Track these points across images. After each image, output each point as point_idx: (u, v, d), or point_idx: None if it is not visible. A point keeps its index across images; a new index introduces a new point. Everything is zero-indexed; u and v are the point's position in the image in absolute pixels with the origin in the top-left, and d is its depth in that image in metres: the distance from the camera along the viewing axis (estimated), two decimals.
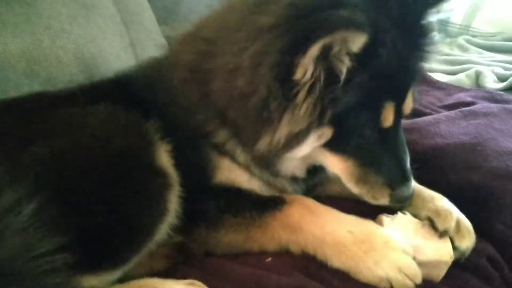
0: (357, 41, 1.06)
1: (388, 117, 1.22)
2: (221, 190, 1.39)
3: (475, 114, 1.85)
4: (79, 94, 1.42)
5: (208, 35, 1.36)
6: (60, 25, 1.87)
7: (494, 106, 1.93)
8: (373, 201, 1.31)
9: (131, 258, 1.20)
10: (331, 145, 1.25)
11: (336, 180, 1.37)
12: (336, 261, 1.23)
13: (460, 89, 2.43)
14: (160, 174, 1.27)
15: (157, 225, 1.24)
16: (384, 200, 1.29)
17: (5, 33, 1.70)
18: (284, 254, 1.30)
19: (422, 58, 1.32)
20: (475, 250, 1.38)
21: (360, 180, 1.29)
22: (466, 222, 1.36)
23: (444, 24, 3.70)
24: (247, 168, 1.40)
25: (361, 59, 1.10)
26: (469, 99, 2.18)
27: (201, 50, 1.35)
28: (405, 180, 1.28)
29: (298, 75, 1.09)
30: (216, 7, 1.45)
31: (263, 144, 1.22)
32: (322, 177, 1.49)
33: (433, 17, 1.31)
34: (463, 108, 1.93)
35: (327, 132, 1.21)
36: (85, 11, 2.01)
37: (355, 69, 1.11)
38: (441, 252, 1.27)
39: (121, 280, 1.21)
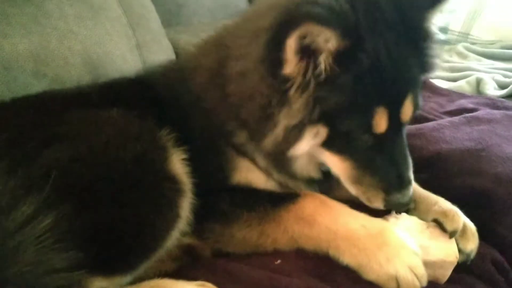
0: (326, 36, 1.09)
1: (380, 123, 1.21)
2: (236, 187, 1.40)
3: (478, 120, 1.87)
4: (94, 95, 1.44)
5: (226, 42, 1.41)
6: (68, 26, 1.89)
7: (497, 113, 1.95)
8: (368, 203, 1.31)
9: (141, 264, 1.21)
10: (329, 145, 1.27)
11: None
12: (348, 255, 1.23)
13: (461, 95, 2.45)
14: (173, 180, 1.27)
15: (169, 231, 1.25)
16: (377, 204, 1.29)
17: (13, 33, 1.71)
18: (293, 256, 1.30)
19: (423, 64, 1.30)
20: (480, 254, 1.39)
21: (357, 181, 1.30)
22: (471, 225, 1.38)
23: (443, 31, 3.73)
24: (266, 170, 1.42)
25: (341, 59, 1.13)
26: (471, 105, 2.19)
27: (221, 55, 1.39)
28: (401, 187, 1.27)
29: (287, 69, 1.15)
30: (217, 11, 1.52)
31: (269, 140, 1.26)
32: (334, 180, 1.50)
33: (434, 21, 1.30)
34: (467, 114, 1.94)
35: (321, 131, 1.23)
36: (92, 12, 2.02)
37: (336, 70, 1.14)
38: (446, 252, 1.28)
39: (131, 281, 1.21)
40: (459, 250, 1.31)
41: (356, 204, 1.34)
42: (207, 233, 1.38)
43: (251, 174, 1.41)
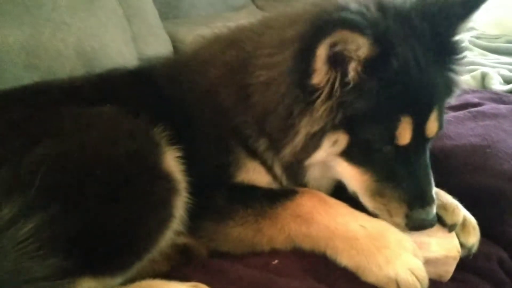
0: (359, 43, 1.08)
1: (403, 133, 1.18)
2: (234, 184, 1.37)
3: (483, 115, 1.84)
4: (86, 88, 1.41)
5: (245, 46, 1.39)
6: (61, 18, 1.86)
7: (502, 107, 1.92)
8: (387, 218, 1.25)
9: (133, 265, 1.17)
10: (348, 155, 1.24)
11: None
12: (346, 256, 1.20)
13: (466, 90, 2.40)
14: (167, 179, 1.24)
15: (162, 231, 1.21)
16: (399, 218, 1.23)
17: (4, 24, 1.69)
18: (291, 256, 1.27)
19: (449, 80, 1.29)
20: (486, 254, 1.37)
21: (376, 194, 1.25)
22: (471, 218, 1.36)
23: None
24: (279, 180, 1.40)
25: (370, 66, 1.12)
26: (476, 100, 2.14)
27: (241, 56, 1.38)
28: (424, 203, 1.22)
29: (315, 79, 1.14)
30: (217, 3, 1.49)
31: (288, 150, 1.25)
32: None
33: (464, 34, 1.29)
34: (472, 109, 1.91)
35: (341, 138, 1.20)
36: (86, 3, 2.00)
37: (363, 75, 1.13)
38: (448, 247, 1.25)
39: (122, 282, 1.17)
40: (461, 245, 1.29)
41: (355, 203, 1.30)
42: (201, 232, 1.35)
43: (257, 176, 1.38)
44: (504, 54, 3.20)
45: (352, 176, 1.27)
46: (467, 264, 1.33)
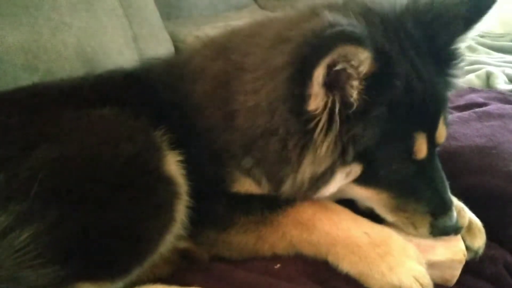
0: (361, 58, 1.01)
1: (421, 148, 1.16)
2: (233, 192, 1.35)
3: (489, 116, 1.82)
4: (86, 90, 1.39)
5: (234, 56, 1.32)
6: (60, 18, 1.84)
7: (508, 107, 1.91)
8: (411, 230, 1.23)
9: (133, 270, 1.15)
10: (362, 181, 1.20)
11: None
12: (348, 263, 1.18)
13: (471, 89, 2.38)
14: (168, 182, 1.21)
15: (163, 235, 1.19)
16: (424, 229, 1.21)
17: (3, 25, 1.67)
18: (293, 261, 1.25)
19: (449, 84, 1.28)
20: (491, 257, 1.35)
21: (397, 209, 1.22)
22: (477, 221, 1.35)
23: None
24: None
25: (371, 85, 1.06)
26: (481, 100, 2.13)
27: (227, 69, 1.32)
28: (447, 209, 1.21)
29: (311, 105, 1.07)
30: (218, 4, 1.44)
31: (287, 186, 1.19)
32: None
33: (462, 43, 1.28)
34: (477, 109, 1.89)
35: (355, 169, 1.17)
36: (86, 3, 1.99)
37: (367, 100, 1.08)
38: (453, 250, 1.23)
39: (123, 287, 1.16)
40: (467, 248, 1.27)
41: (357, 208, 1.29)
42: (202, 238, 1.33)
43: (252, 188, 1.34)
44: (508, 53, 3.17)
45: (368, 197, 1.24)
46: (472, 267, 1.31)
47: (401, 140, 1.15)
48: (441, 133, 1.22)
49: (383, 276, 1.13)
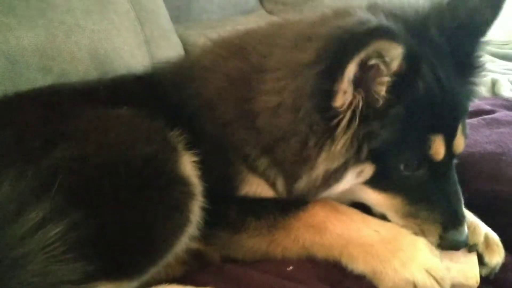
0: (394, 54, 1.01)
1: (438, 151, 1.16)
2: (243, 196, 1.35)
3: (498, 122, 1.82)
4: (102, 91, 1.40)
5: (251, 57, 1.32)
6: (75, 20, 1.85)
7: None
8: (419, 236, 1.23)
9: (149, 269, 1.16)
10: (374, 183, 1.20)
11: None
12: (362, 262, 1.18)
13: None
14: (183, 183, 1.22)
15: (179, 236, 1.20)
16: (432, 238, 1.20)
17: (19, 27, 1.68)
18: (306, 263, 1.26)
19: (471, 93, 1.28)
20: (502, 264, 1.32)
21: (408, 215, 1.22)
22: (494, 236, 1.32)
23: None
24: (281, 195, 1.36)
25: (396, 84, 1.07)
26: (488, 107, 2.13)
27: (245, 68, 1.31)
28: (458, 223, 1.19)
29: (338, 101, 1.07)
30: (227, 7, 1.44)
31: (302, 183, 1.20)
32: None
33: (483, 49, 1.29)
34: (485, 116, 1.89)
35: (367, 169, 1.17)
36: (99, 6, 1.99)
37: (390, 99, 1.08)
38: (467, 276, 1.22)
39: (138, 286, 1.16)
40: (484, 263, 1.26)
41: (366, 209, 1.29)
42: (214, 239, 1.33)
43: (261, 190, 1.35)
44: None
45: (380, 202, 1.24)
46: (481, 275, 1.28)
47: (416, 141, 1.14)
48: (459, 142, 1.22)
49: (396, 272, 1.13)
